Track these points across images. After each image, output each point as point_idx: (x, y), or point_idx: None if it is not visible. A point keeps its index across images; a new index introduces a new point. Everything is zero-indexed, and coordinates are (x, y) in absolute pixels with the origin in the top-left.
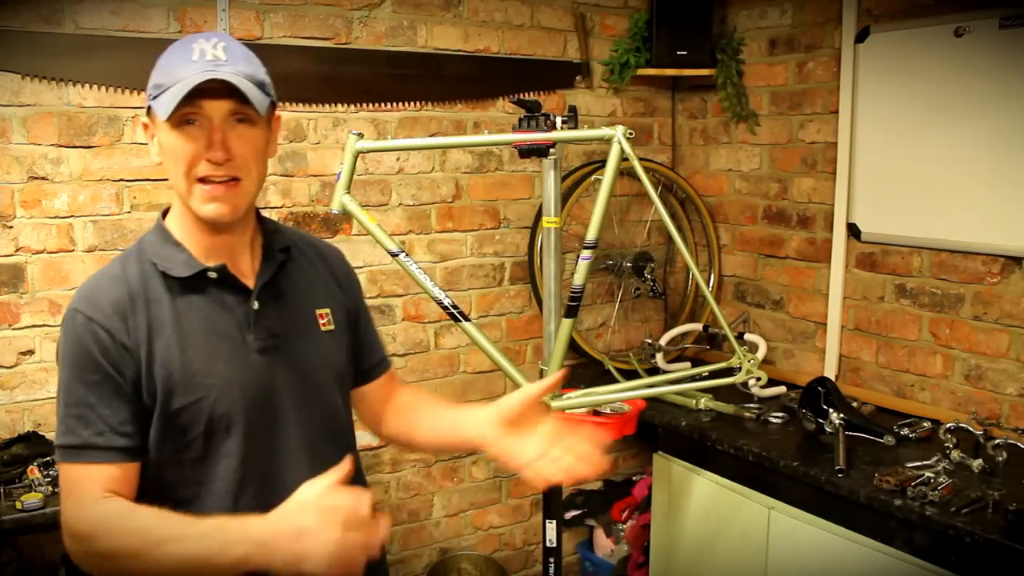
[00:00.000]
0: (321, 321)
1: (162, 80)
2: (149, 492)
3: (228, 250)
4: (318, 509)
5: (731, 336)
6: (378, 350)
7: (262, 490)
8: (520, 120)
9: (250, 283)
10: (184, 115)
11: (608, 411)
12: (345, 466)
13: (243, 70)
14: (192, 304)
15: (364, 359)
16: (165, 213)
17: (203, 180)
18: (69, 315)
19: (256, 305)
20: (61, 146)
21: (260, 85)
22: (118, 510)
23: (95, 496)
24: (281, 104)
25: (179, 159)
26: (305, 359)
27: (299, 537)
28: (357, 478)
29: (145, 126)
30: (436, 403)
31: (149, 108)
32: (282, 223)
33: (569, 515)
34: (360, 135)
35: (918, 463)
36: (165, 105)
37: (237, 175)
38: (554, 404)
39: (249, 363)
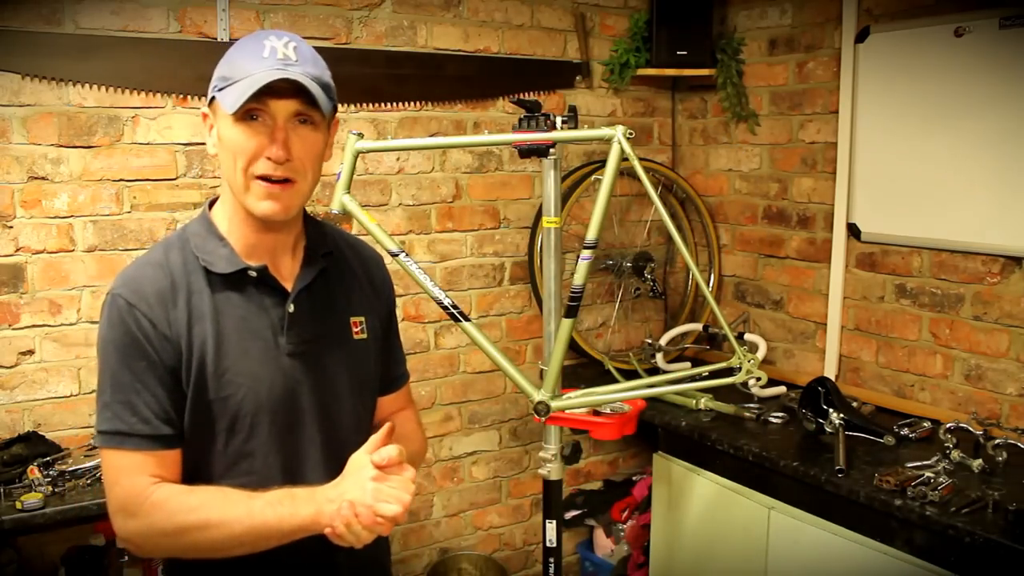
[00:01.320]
0: (355, 329)
1: (230, 73)
2: (184, 478)
3: (271, 249)
4: (368, 474)
5: (731, 336)
6: (399, 364)
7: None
8: (520, 120)
9: (288, 285)
10: (249, 111)
11: (608, 411)
12: (386, 430)
13: (311, 72)
14: (230, 301)
15: (385, 371)
16: (212, 203)
17: (260, 177)
18: (111, 300)
19: (292, 308)
20: (61, 146)
21: (325, 88)
22: (176, 491)
23: (147, 481)
24: None
25: (240, 154)
26: (333, 366)
27: (370, 477)
28: None
29: (204, 116)
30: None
31: (212, 99)
32: (327, 222)
33: (569, 515)
34: (360, 135)
35: (918, 463)
36: (233, 99)
37: (294, 177)
38: (554, 404)
39: (278, 365)
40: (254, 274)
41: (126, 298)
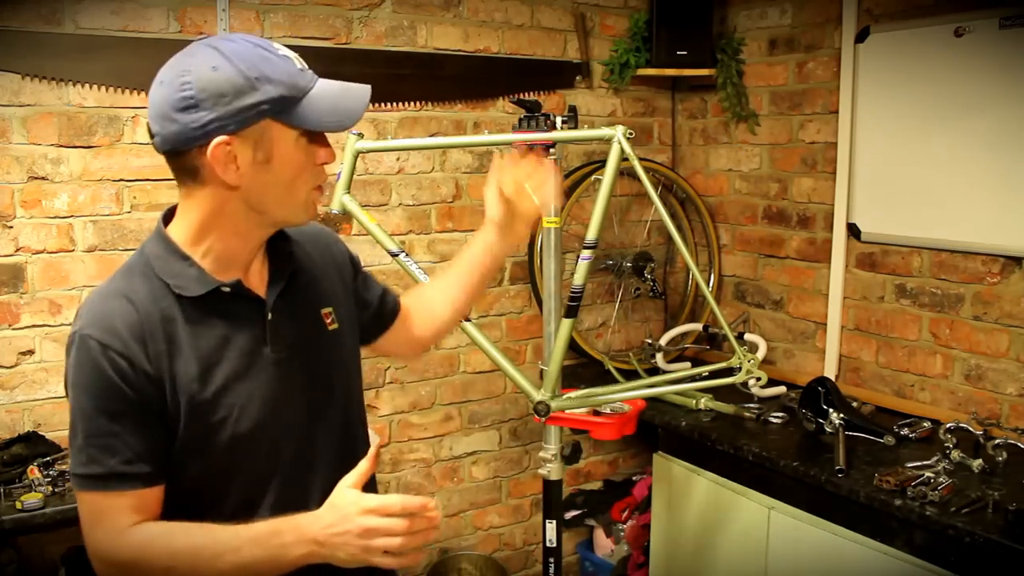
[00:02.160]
0: (327, 321)
1: (282, 92)
2: (176, 509)
3: (246, 257)
4: (367, 512)
5: (731, 336)
6: (387, 295)
7: (288, 498)
8: (520, 120)
9: (261, 292)
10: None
11: (608, 411)
12: (371, 457)
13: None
14: (207, 321)
15: (380, 308)
16: (166, 218)
17: (318, 187)
18: (80, 341)
19: (271, 316)
20: (61, 146)
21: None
22: (159, 531)
23: (128, 522)
24: None
25: (309, 170)
26: (318, 363)
27: (361, 538)
28: (368, 483)
29: (224, 145)
30: (434, 282)
31: (245, 125)
32: None
33: (569, 515)
34: (360, 135)
35: (918, 463)
36: (317, 115)
37: None
38: (554, 404)
39: (268, 376)
40: (227, 290)
41: (97, 338)
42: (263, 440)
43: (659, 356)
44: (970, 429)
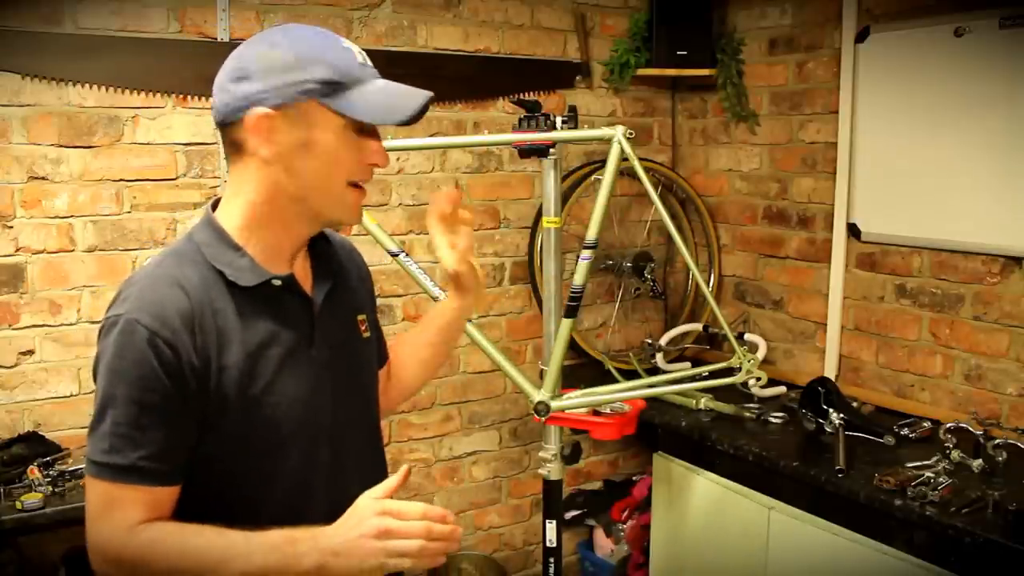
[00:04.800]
0: (362, 328)
1: (333, 76)
2: (206, 507)
3: (292, 253)
4: (386, 512)
5: (731, 336)
6: (382, 337)
7: (325, 501)
8: (520, 120)
9: (307, 289)
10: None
11: (608, 411)
12: (401, 475)
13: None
14: (257, 315)
15: (381, 349)
16: (214, 206)
17: (357, 184)
18: (126, 325)
19: (318, 315)
20: (61, 146)
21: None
22: (169, 531)
23: (138, 518)
24: None
25: (348, 163)
26: (355, 370)
27: (377, 539)
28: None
29: (264, 119)
30: (402, 341)
31: (292, 102)
32: None
33: (569, 515)
34: None
35: (918, 463)
36: (380, 110)
37: None
38: (554, 404)
39: (312, 377)
40: (279, 283)
41: (147, 325)
42: (303, 442)
43: (659, 356)
44: (970, 429)
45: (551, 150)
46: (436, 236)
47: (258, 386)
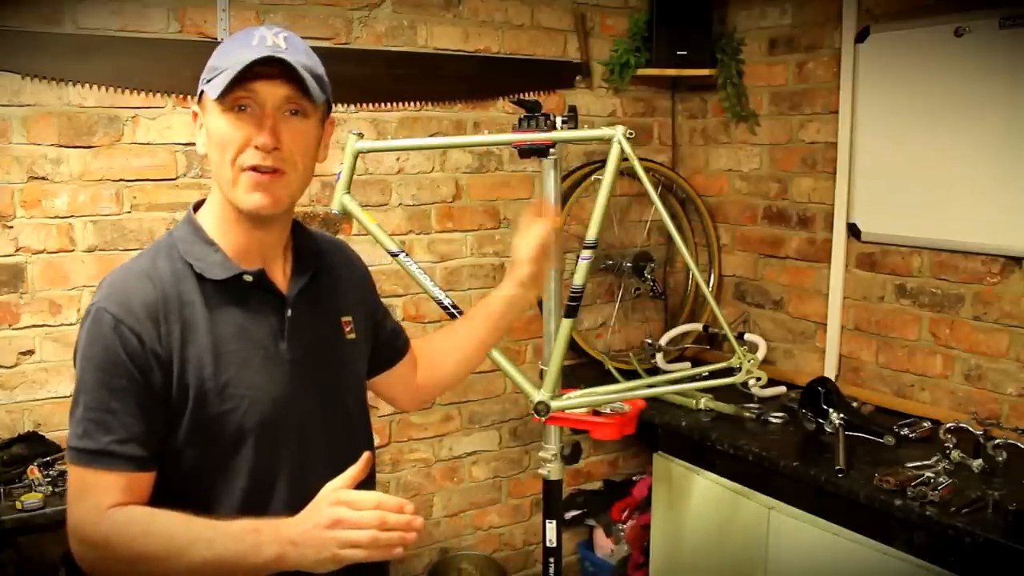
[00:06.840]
0: (346, 330)
1: (218, 63)
2: (166, 498)
3: (263, 252)
4: (339, 502)
5: (731, 336)
6: (401, 332)
7: (286, 499)
8: (520, 120)
9: (283, 288)
10: (237, 99)
11: (608, 411)
12: (362, 463)
13: (302, 60)
14: (226, 309)
15: (392, 340)
16: (196, 207)
17: (249, 168)
18: (96, 314)
19: (290, 313)
20: (61, 146)
21: (317, 78)
22: (138, 515)
23: (110, 502)
24: None
25: (228, 145)
26: (330, 370)
27: (328, 529)
28: (368, 480)
29: (195, 115)
30: (444, 332)
31: (201, 94)
32: (307, 225)
33: (569, 515)
34: (360, 135)
35: (918, 463)
36: (219, 84)
37: (283, 167)
38: (554, 404)
39: (280, 373)
40: (250, 279)
41: (112, 313)
42: (266, 438)
43: (659, 356)
44: (970, 429)
45: (551, 150)
46: (520, 228)
47: (222, 378)
